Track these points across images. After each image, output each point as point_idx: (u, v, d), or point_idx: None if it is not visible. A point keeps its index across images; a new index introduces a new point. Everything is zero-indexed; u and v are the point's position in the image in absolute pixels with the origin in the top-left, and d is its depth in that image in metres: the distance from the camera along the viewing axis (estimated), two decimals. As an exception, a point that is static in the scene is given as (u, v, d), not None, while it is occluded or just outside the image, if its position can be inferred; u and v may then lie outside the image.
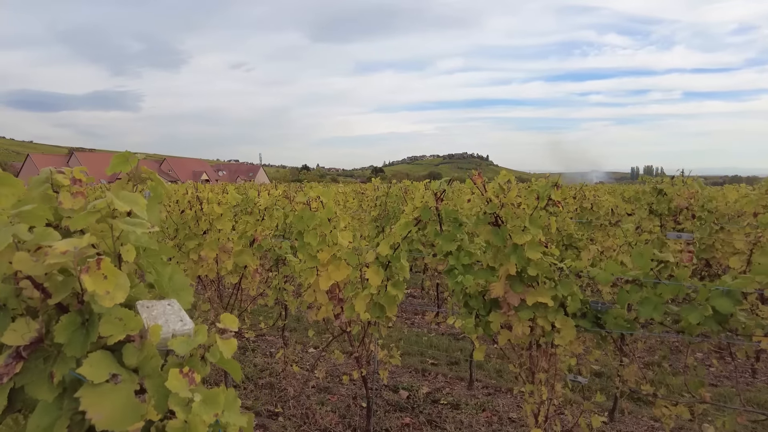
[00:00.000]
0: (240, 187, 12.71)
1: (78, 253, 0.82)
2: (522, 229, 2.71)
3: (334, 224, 3.40)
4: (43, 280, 0.87)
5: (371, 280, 3.20)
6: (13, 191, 1.02)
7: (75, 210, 1.12)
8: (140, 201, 0.96)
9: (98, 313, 0.85)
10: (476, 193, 2.89)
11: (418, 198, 3.14)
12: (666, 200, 4.40)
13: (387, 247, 3.19)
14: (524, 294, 2.75)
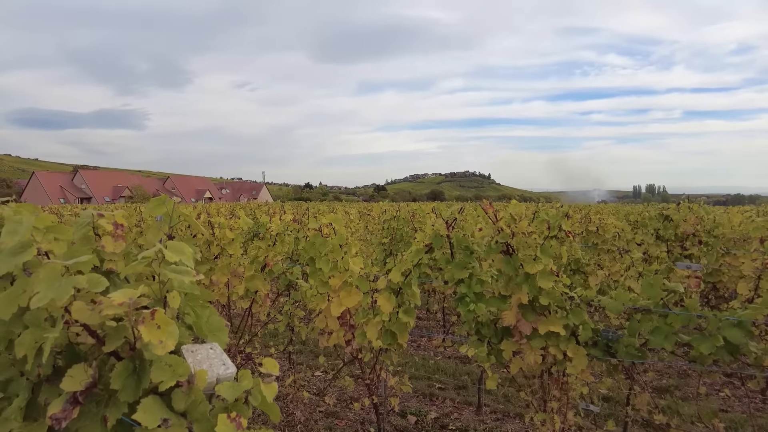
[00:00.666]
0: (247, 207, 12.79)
1: (133, 303, 0.87)
2: (533, 258, 2.75)
3: (346, 250, 3.45)
4: (97, 328, 0.92)
5: (383, 306, 3.23)
6: (64, 237, 1.07)
7: (116, 253, 1.17)
8: (187, 250, 1.02)
9: (149, 360, 0.90)
10: (487, 221, 2.94)
11: (429, 225, 3.19)
12: (672, 226, 4.44)
13: (398, 274, 3.23)
14: (536, 323, 2.78)
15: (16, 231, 0.98)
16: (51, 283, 0.87)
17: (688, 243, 4.41)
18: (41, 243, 1.01)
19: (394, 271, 3.25)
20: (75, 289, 0.87)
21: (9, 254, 0.97)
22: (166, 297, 0.99)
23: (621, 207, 18.57)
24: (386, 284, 3.28)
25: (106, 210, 1.19)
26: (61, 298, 0.84)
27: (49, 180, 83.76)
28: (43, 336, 0.93)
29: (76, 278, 0.87)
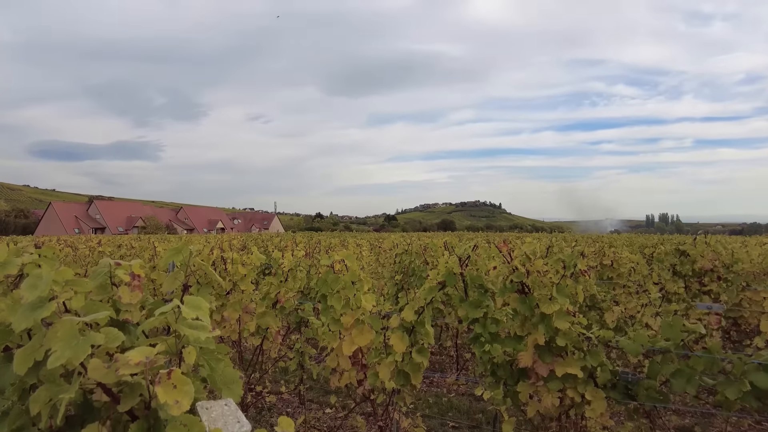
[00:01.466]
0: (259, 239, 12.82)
1: (149, 363, 0.86)
2: (549, 298, 2.71)
3: (358, 287, 3.42)
4: (113, 386, 0.91)
5: (396, 346, 3.18)
6: (82, 290, 1.07)
7: (133, 304, 1.17)
8: (204, 305, 1.01)
9: (164, 420, 0.88)
10: (501, 259, 2.92)
11: (442, 262, 3.17)
12: (689, 261, 4.37)
13: (411, 312, 3.19)
14: (553, 364, 2.72)
15: (36, 285, 0.99)
16: (68, 341, 0.87)
17: (707, 279, 4.33)
18: (61, 296, 1.01)
19: (406, 310, 3.21)
20: (92, 346, 0.86)
21: (29, 309, 0.97)
22: (182, 352, 0.98)
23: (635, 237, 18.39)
24: (399, 323, 3.24)
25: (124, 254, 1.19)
26: (79, 358, 0.84)
27: (65, 210, 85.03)
28: (59, 395, 0.92)
29: (93, 336, 0.87)
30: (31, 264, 1.26)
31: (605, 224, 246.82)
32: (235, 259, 4.27)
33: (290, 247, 6.92)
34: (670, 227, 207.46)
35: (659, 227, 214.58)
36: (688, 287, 4.36)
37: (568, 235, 30.97)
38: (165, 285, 1.35)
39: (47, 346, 0.96)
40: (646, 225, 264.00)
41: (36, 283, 0.99)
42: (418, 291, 3.31)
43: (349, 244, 7.66)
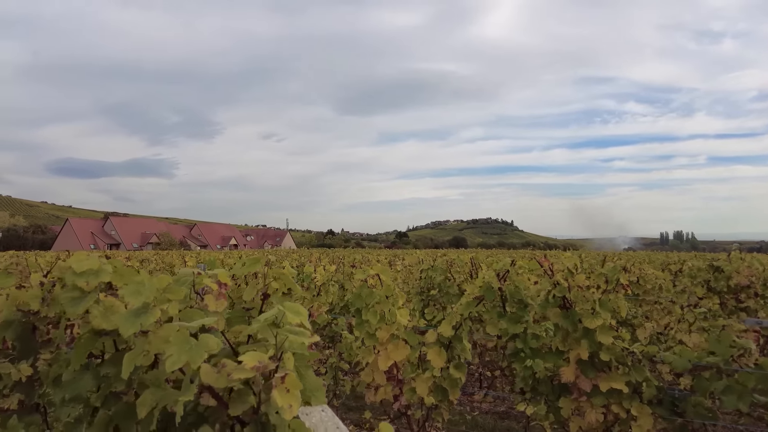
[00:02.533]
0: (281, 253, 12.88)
1: (262, 367, 0.88)
2: (592, 313, 2.69)
3: (393, 302, 3.42)
4: (221, 391, 0.93)
5: (433, 361, 3.16)
6: (176, 297, 1.10)
7: (219, 312, 1.19)
8: (303, 312, 1.03)
9: (273, 424, 0.90)
10: (542, 274, 2.90)
11: (480, 278, 3.16)
12: (724, 277, 4.31)
13: (449, 327, 3.18)
14: (596, 379, 2.68)
15: (140, 292, 1.02)
16: (181, 345, 0.89)
17: (743, 295, 4.26)
18: (159, 304, 1.04)
19: (444, 325, 3.20)
20: (207, 353, 0.88)
21: (133, 315, 1.00)
22: (281, 357, 1.00)
23: (653, 255, 18.14)
24: (436, 338, 3.22)
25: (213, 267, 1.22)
26: (196, 362, 0.86)
27: (81, 226, 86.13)
28: (165, 399, 0.94)
29: (206, 342, 0.89)
30: (116, 273, 1.29)
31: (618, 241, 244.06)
32: (267, 273, 4.29)
33: (314, 263, 6.94)
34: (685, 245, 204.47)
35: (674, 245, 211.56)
36: (723, 303, 4.29)
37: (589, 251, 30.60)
38: (246, 294, 1.37)
39: (155, 351, 0.98)
40: (660, 242, 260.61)
41: (140, 290, 1.02)
42: (454, 306, 3.30)
43: (372, 259, 7.66)
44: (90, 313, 1.16)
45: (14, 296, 1.95)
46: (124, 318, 1.00)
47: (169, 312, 1.07)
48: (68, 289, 1.21)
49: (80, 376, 1.47)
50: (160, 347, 0.98)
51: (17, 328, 1.98)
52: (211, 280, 1.22)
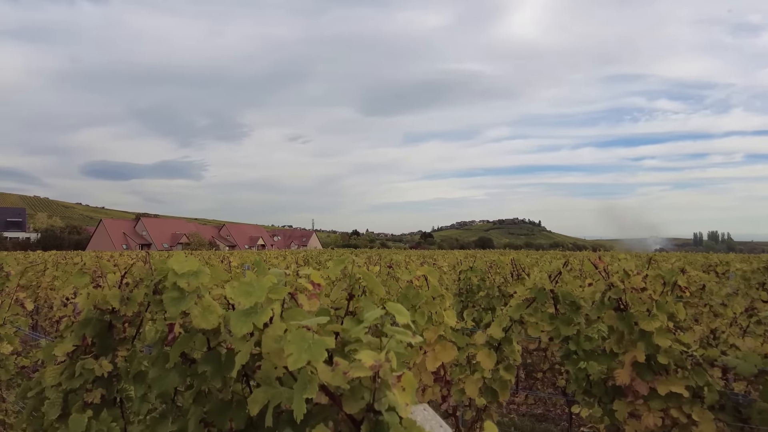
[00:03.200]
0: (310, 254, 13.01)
1: (379, 366, 0.90)
2: (648, 315, 2.65)
3: (440, 303, 3.43)
4: (334, 389, 0.96)
5: (483, 363, 3.17)
6: (278, 297, 1.14)
7: (312, 311, 1.23)
8: (405, 312, 1.06)
9: (386, 422, 0.92)
10: (596, 275, 2.88)
11: (532, 279, 3.15)
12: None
13: (499, 329, 3.18)
14: (654, 382, 2.65)
15: (250, 293, 1.06)
16: (300, 344, 0.92)
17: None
18: (267, 304, 1.08)
19: (493, 326, 3.20)
20: (326, 351, 0.92)
21: (244, 315, 1.04)
22: (387, 357, 1.02)
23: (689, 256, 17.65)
24: (485, 340, 3.23)
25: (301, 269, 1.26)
26: (317, 360, 0.89)
27: (114, 227, 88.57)
28: (285, 395, 0.98)
29: (324, 340, 0.92)
30: (213, 274, 1.34)
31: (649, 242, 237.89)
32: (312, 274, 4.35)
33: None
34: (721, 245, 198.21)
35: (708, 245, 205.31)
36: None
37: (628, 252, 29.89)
38: (333, 294, 1.41)
39: (266, 350, 1.02)
40: (693, 243, 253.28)
41: (249, 291, 1.06)
42: (503, 308, 3.30)
43: (407, 260, 7.67)
44: (190, 313, 1.22)
45: (94, 295, 2.04)
46: (236, 318, 1.04)
47: (274, 312, 1.11)
48: (169, 290, 1.26)
49: (166, 373, 1.53)
50: (271, 346, 1.01)
51: (96, 325, 2.06)
52: (305, 280, 1.26)
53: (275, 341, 1.02)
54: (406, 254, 16.43)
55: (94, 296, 2.03)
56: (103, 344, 2.07)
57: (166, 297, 1.26)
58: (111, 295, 1.92)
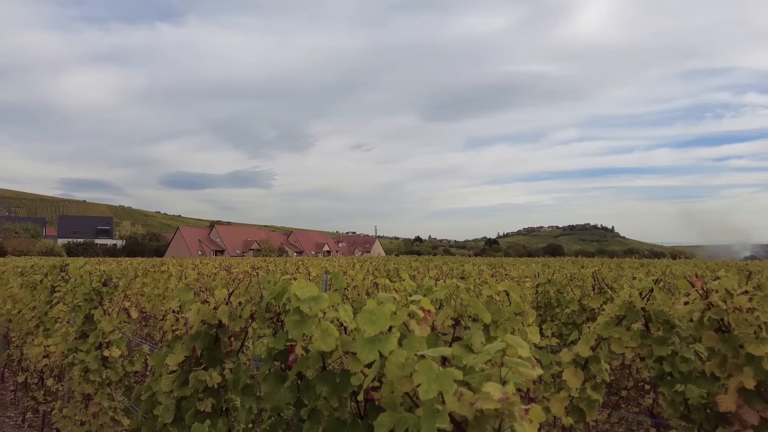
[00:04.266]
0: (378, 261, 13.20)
1: (507, 399, 0.93)
2: (756, 338, 2.49)
3: (523, 319, 3.39)
4: (459, 417, 1.00)
5: (569, 381, 3.09)
6: (396, 322, 1.19)
7: (423, 337, 1.27)
8: (525, 345, 1.08)
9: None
10: (693, 292, 2.74)
11: (621, 296, 3.05)
12: None
13: (586, 347, 3.09)
14: (765, 411, 2.47)
15: (374, 321, 1.12)
16: (428, 374, 0.97)
17: None
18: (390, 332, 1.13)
19: (580, 344, 3.12)
20: (455, 381, 0.96)
21: (369, 342, 1.11)
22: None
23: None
24: (572, 357, 3.15)
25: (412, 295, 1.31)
26: (448, 391, 0.94)
27: (190, 234, 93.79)
28: (411, 421, 1.03)
29: (451, 371, 0.96)
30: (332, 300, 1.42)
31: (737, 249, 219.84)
32: (387, 285, 4.43)
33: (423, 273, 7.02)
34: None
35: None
36: None
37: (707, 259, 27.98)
38: (438, 320, 1.45)
39: (390, 376, 1.08)
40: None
41: (373, 319, 1.12)
42: (590, 325, 3.20)
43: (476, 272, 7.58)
44: (312, 336, 1.30)
45: (203, 311, 2.20)
46: (362, 345, 1.10)
47: (396, 340, 1.16)
48: (291, 313, 1.36)
49: (278, 389, 1.63)
50: (394, 373, 1.07)
51: (205, 339, 2.23)
52: (416, 306, 1.31)
53: (399, 368, 1.07)
54: (473, 262, 16.22)
55: (204, 312, 2.19)
56: (211, 356, 2.23)
57: (289, 320, 1.36)
58: (221, 311, 2.07)
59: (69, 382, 4.65)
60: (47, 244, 68.82)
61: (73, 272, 5.44)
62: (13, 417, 6.86)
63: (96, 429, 4.04)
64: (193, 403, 2.19)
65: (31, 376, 6.12)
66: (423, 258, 34.56)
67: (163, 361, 2.40)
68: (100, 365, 3.91)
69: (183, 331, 2.32)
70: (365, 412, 1.35)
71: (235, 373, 2.20)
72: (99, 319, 3.90)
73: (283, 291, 1.74)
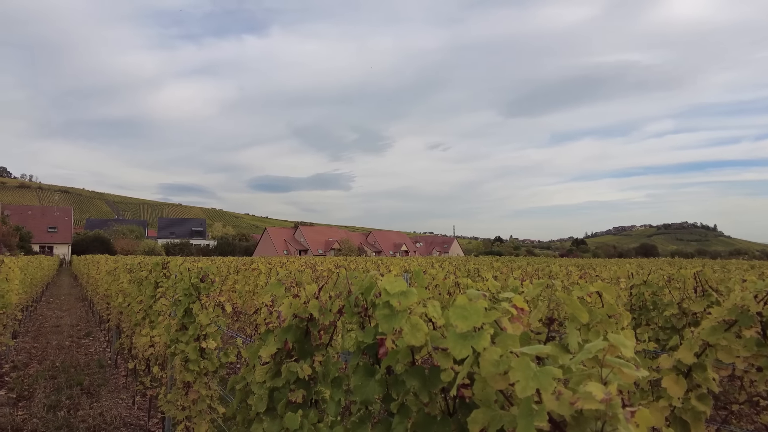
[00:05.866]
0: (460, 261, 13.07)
1: (609, 399, 0.89)
2: None
3: (617, 322, 3.20)
4: (558, 418, 0.96)
5: (670, 389, 2.87)
6: (488, 319, 1.17)
7: (516, 335, 1.24)
8: (629, 344, 1.02)
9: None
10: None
11: (732, 299, 2.79)
12: None
13: (690, 353, 2.86)
14: None
15: (466, 317, 1.11)
16: (525, 372, 0.94)
17: None
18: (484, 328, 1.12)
19: (682, 350, 2.88)
20: (554, 380, 0.93)
21: (461, 338, 1.10)
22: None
23: None
24: (673, 364, 2.93)
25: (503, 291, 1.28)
26: (546, 389, 0.91)
27: (276, 235, 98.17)
28: (507, 419, 1.01)
29: (550, 369, 0.93)
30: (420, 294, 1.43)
31: None
32: (469, 284, 4.37)
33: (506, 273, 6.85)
34: None
35: None
36: None
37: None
38: (532, 318, 1.41)
39: (484, 373, 1.06)
40: None
41: (465, 315, 1.11)
42: (694, 330, 2.96)
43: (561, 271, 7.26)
44: (402, 330, 1.31)
45: (295, 305, 2.29)
46: (454, 340, 1.10)
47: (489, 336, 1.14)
48: (381, 307, 1.38)
49: (367, 382, 1.66)
50: (488, 370, 1.05)
51: (296, 332, 2.31)
52: (508, 304, 1.28)
53: (493, 365, 1.05)
54: (558, 263, 15.55)
55: (295, 306, 2.28)
56: (302, 349, 2.31)
57: (379, 314, 1.38)
58: (312, 305, 2.14)
59: (171, 370, 5.03)
60: (149, 244, 75.14)
61: (173, 269, 5.88)
62: (125, 399, 7.55)
63: (195, 414, 4.34)
64: (284, 393, 2.29)
65: (139, 363, 6.70)
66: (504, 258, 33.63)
67: (256, 353, 2.53)
68: (199, 356, 4.20)
69: (275, 325, 2.44)
70: (454, 409, 1.34)
71: (325, 365, 2.27)
72: (197, 313, 4.19)
73: (370, 286, 1.77)
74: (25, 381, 8.31)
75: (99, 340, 12.19)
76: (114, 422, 6.56)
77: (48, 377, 8.56)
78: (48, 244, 69.48)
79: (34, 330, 13.55)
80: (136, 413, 6.98)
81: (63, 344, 11.58)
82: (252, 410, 2.48)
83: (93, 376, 8.71)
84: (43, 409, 6.98)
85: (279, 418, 2.31)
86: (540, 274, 6.58)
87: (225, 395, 4.88)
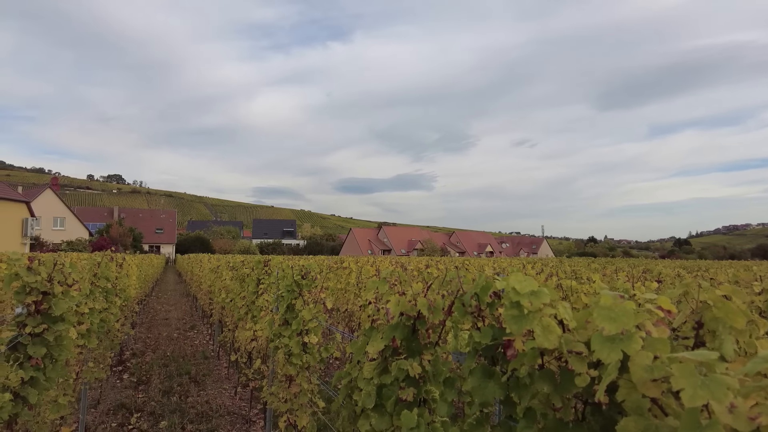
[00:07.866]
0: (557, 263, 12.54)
1: None
2: None
3: (751, 330, 2.89)
4: (730, 430, 0.87)
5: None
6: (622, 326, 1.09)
7: (665, 339, 1.14)
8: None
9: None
10: None
11: None
12: None
13: None
14: None
15: (615, 319, 1.04)
16: (691, 380, 0.86)
17: None
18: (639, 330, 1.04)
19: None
20: (730, 390, 0.84)
21: (609, 341, 1.02)
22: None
23: None
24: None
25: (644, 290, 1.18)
26: (721, 401, 0.82)
27: (361, 235, 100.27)
28: (663, 429, 0.93)
29: (726, 380, 0.84)
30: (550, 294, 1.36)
31: None
32: (575, 287, 4.16)
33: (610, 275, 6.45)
34: None
35: None
36: None
37: None
38: (677, 320, 1.30)
39: (635, 379, 0.99)
40: None
41: (613, 316, 1.04)
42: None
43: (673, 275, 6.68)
44: (534, 332, 1.26)
45: (402, 303, 2.29)
46: (601, 343, 1.03)
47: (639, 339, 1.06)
48: (508, 307, 1.33)
49: (485, 384, 1.62)
50: (640, 375, 0.97)
51: (403, 329, 2.32)
52: (652, 305, 1.19)
53: (645, 371, 0.97)
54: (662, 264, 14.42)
55: (403, 303, 2.28)
56: (409, 347, 2.31)
57: (506, 314, 1.33)
58: (421, 303, 2.13)
59: (273, 364, 5.28)
60: (244, 244, 79.81)
61: (274, 267, 6.17)
62: (227, 389, 8.05)
63: (297, 407, 4.51)
64: (393, 390, 2.30)
65: (241, 356, 7.11)
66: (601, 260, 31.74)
67: (362, 349, 2.57)
68: (301, 350, 4.36)
69: (383, 322, 2.46)
70: (583, 415, 1.26)
71: (434, 364, 2.25)
72: (300, 309, 4.36)
73: (487, 286, 1.73)
74: (143, 367, 9.14)
75: (202, 333, 13.13)
76: (219, 410, 7.01)
77: (161, 365, 9.36)
78: (156, 243, 76.02)
79: (148, 322, 14.88)
80: (238, 403, 7.41)
81: (172, 336, 12.61)
82: (358, 406, 2.51)
83: (199, 366, 9.39)
84: (158, 393, 7.64)
85: (388, 415, 2.32)
86: (648, 277, 6.12)
87: (326, 390, 5.02)
